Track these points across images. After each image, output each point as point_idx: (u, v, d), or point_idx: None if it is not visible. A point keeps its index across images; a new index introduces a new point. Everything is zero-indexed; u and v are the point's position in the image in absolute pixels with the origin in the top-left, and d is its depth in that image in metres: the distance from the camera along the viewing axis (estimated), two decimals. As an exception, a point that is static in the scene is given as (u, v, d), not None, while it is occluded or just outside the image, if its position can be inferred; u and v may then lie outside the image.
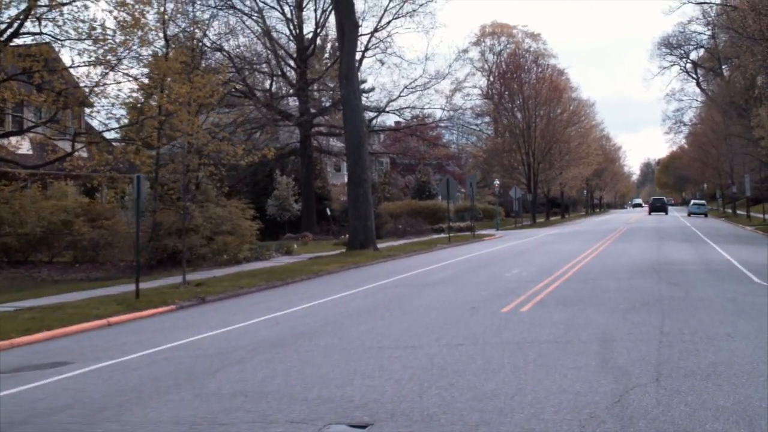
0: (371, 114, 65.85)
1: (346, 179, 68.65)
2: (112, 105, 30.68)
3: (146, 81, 30.93)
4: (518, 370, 9.43)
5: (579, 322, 13.09)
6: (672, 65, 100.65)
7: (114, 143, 35.68)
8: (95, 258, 33.01)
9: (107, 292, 22.70)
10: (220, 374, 10.18)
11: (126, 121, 32.28)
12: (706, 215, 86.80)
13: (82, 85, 29.82)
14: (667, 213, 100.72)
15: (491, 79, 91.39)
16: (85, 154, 36.43)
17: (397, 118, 65.60)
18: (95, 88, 29.82)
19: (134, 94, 32.17)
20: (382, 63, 65.86)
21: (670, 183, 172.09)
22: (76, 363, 11.75)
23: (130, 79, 31.21)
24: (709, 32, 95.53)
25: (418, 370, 9.67)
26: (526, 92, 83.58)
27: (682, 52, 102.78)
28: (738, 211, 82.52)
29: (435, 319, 14.13)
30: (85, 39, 27.75)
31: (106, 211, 36.48)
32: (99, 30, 27.22)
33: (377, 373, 9.61)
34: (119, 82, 33.20)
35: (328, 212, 61.52)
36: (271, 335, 13.44)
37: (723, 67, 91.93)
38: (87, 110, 34.11)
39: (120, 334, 15.22)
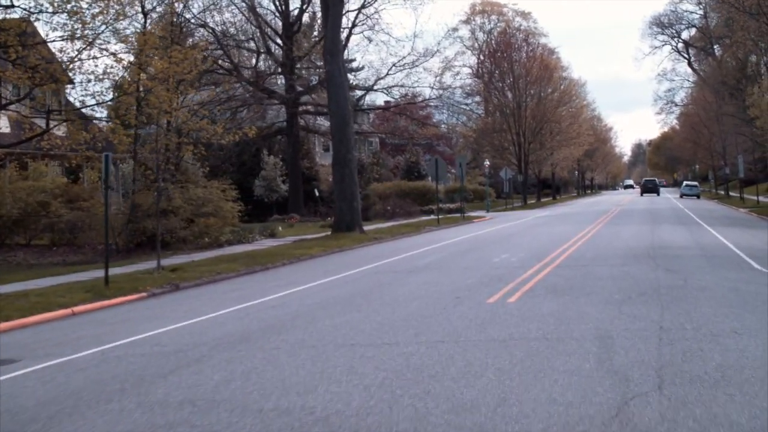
0: (359, 93, 64.83)
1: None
2: (89, 81, 29.64)
3: (123, 56, 29.76)
4: (503, 374, 8.41)
5: (571, 314, 12.08)
6: (663, 45, 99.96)
7: (94, 121, 34.52)
8: (73, 241, 31.98)
9: (79, 278, 21.66)
10: (172, 377, 9.15)
11: (104, 98, 31.10)
12: (698, 197, 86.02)
13: (58, 60, 28.68)
14: (659, 194, 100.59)
15: (481, 58, 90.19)
16: (62, 133, 35.27)
17: (386, 98, 64.48)
18: (71, 64, 28.76)
19: (112, 70, 31.00)
20: (370, 40, 64.95)
21: (661, 164, 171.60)
22: (22, 361, 10.71)
23: (108, 54, 30.04)
24: (701, 11, 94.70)
25: (392, 374, 8.65)
26: (516, 71, 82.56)
27: (674, 31, 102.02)
28: (731, 193, 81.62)
29: (416, 311, 13.10)
30: (60, 12, 26.60)
31: (85, 192, 35.38)
32: (74, 3, 26.07)
33: (345, 378, 8.58)
34: (96, 57, 32.00)
35: (317, 193, 60.49)
36: (238, 329, 12.40)
37: (715, 47, 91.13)
38: (68, 88, 33.08)
39: (81, 325, 14.18)
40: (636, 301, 13.16)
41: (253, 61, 61.20)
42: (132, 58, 30.55)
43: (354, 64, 72.67)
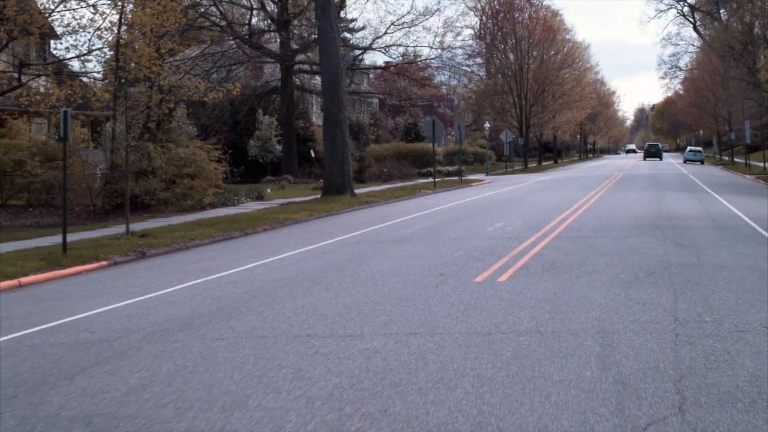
0: (357, 52, 62.84)
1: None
2: (66, 33, 28.01)
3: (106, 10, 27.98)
4: (483, 384, 6.72)
5: (569, 299, 10.40)
6: (669, 8, 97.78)
7: (72, 77, 32.70)
8: (51, 202, 30.40)
9: (41, 243, 20.09)
10: (80, 379, 7.48)
11: (81, 51, 29.31)
12: (702, 162, 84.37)
13: (37, 11, 26.97)
14: (661, 159, 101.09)
15: (484, 19, 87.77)
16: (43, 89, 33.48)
17: (388, 58, 62.26)
18: (49, 16, 27.10)
19: (91, 23, 29.23)
20: (368, -3, 62.48)
21: (664, 129, 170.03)
22: None
23: (87, 5, 28.28)
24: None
25: (346, 380, 6.97)
26: (518, 32, 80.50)
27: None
28: (736, 159, 79.65)
29: (391, 292, 11.40)
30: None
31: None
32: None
33: (288, 385, 6.90)
34: (74, 9, 30.18)
35: (312, 154, 58.81)
36: (185, 311, 10.73)
37: (721, 11, 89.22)
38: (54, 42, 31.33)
39: (18, 301, 12.55)
40: (645, 283, 11.45)
41: (248, 17, 58.98)
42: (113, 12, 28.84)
43: (354, 25, 70.71)
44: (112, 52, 28.71)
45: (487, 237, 18.15)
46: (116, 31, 27.85)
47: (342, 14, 73.83)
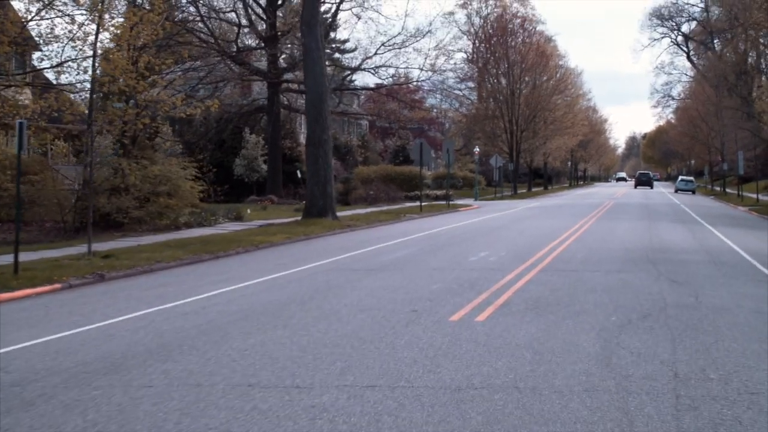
0: (347, 73, 61.89)
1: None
2: (41, 44, 26.94)
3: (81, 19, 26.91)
4: (445, 460, 5.52)
5: (554, 345, 9.19)
6: (663, 37, 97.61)
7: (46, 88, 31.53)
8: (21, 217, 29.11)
9: (-1, 261, 18.79)
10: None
11: (52, 62, 28.19)
12: (694, 192, 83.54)
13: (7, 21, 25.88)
14: (652, 187, 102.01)
15: (477, 43, 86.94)
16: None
17: (378, 80, 61.11)
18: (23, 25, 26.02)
19: (66, 33, 28.15)
20: (359, 17, 61.71)
21: (655, 157, 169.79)
22: None
23: (62, 14, 27.20)
24: (702, 4, 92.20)
25: (280, 450, 5.76)
26: (511, 57, 79.63)
27: (674, 24, 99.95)
28: (728, 189, 78.73)
29: (355, 331, 10.17)
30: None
31: (36, 165, 32.35)
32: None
33: (208, 455, 5.68)
34: (52, 18, 29.10)
35: (299, 174, 57.55)
36: (120, 348, 9.48)
37: (715, 41, 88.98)
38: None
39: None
40: (639, 328, 10.25)
41: (235, 34, 57.87)
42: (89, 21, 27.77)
43: (347, 45, 70.00)
44: (86, 64, 27.66)
45: (469, 268, 16.96)
46: (92, 42, 26.80)
47: (333, 35, 73.28)
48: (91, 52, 27.65)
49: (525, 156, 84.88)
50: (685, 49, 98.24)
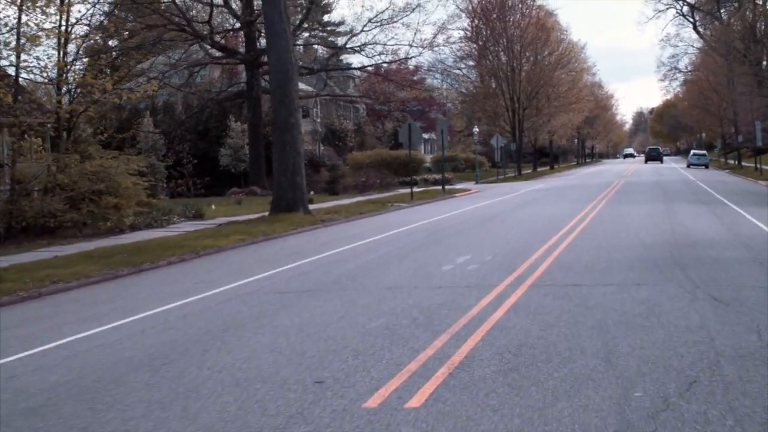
0: (329, 51, 57.70)
1: (308, 126, 60.23)
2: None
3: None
4: None
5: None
6: (668, 8, 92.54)
7: None
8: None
9: None
10: None
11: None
12: (707, 166, 79.08)
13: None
14: (662, 162, 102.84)
15: (475, 21, 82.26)
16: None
17: (367, 59, 56.43)
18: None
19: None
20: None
21: (664, 132, 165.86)
22: None
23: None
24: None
25: None
26: (510, 32, 75.19)
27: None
28: (743, 163, 74.03)
29: (207, 426, 5.94)
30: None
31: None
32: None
33: None
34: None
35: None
36: None
37: (721, 11, 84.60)
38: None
39: None
40: (684, 415, 5.95)
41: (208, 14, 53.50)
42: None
43: (340, 29, 65.72)
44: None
45: (436, 285, 12.65)
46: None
47: (326, 18, 68.97)
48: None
49: (529, 134, 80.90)
50: (691, 19, 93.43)
